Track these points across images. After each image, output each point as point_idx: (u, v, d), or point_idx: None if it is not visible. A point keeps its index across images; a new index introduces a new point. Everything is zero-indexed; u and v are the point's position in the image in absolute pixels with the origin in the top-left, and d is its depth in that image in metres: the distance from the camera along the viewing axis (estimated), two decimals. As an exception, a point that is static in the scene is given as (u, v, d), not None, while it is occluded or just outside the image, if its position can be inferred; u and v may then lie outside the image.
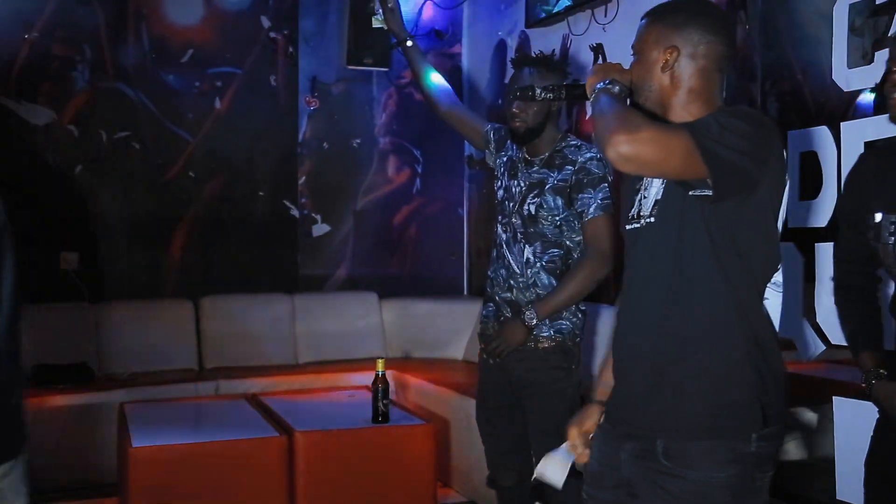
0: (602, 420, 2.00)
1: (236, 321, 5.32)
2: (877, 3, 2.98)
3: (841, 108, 3.20)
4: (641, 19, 1.96)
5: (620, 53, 4.65)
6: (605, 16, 4.58)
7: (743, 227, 1.77)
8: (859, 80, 3.03)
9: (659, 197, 1.87)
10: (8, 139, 5.17)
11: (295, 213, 5.82)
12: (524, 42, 5.41)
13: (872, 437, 2.31)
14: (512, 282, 2.96)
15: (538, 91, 2.06)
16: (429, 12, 5.97)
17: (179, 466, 3.45)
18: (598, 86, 1.87)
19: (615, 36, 4.45)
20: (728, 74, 1.94)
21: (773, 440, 1.80)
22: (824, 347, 3.14)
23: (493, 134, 3.19)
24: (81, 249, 5.31)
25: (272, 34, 5.73)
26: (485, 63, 5.91)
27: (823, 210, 3.13)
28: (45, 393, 4.46)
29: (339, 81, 5.90)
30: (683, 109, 1.87)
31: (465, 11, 6.13)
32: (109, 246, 5.40)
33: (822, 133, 3.19)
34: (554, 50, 4.81)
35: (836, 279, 2.56)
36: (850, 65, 3.04)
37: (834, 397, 3.04)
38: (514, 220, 2.97)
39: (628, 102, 1.90)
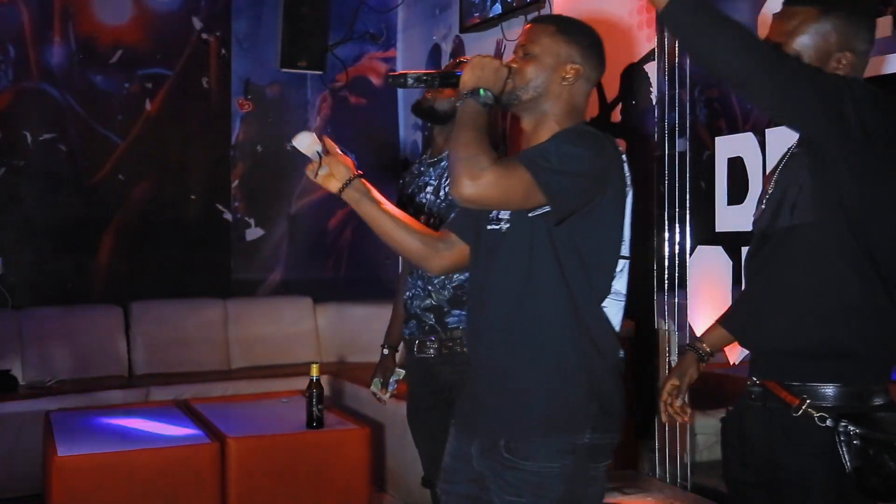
0: (454, 420, 2.12)
1: (167, 326, 5.24)
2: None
3: (766, 114, 3.28)
4: (539, 21, 2.05)
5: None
6: (539, 22, 4.63)
7: (585, 240, 1.90)
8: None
9: None
10: (-73, 140, 5.02)
11: (228, 216, 5.75)
12: (458, 46, 5.44)
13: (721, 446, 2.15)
14: (430, 287, 2.98)
15: (410, 79, 2.03)
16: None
17: (107, 476, 3.37)
18: (466, 94, 1.91)
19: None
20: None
21: (607, 433, 1.93)
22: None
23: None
24: (5, 254, 5.18)
25: (204, 35, 5.66)
26: (420, 67, 5.92)
27: (750, 214, 3.20)
28: (-33, 402, 4.34)
29: (272, 84, 5.85)
30: (556, 121, 1.99)
31: (399, 15, 6.14)
32: (34, 250, 5.27)
33: (749, 139, 3.27)
34: None
35: None
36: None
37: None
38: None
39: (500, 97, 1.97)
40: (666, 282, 3.80)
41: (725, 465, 2.10)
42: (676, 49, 3.75)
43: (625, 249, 1.95)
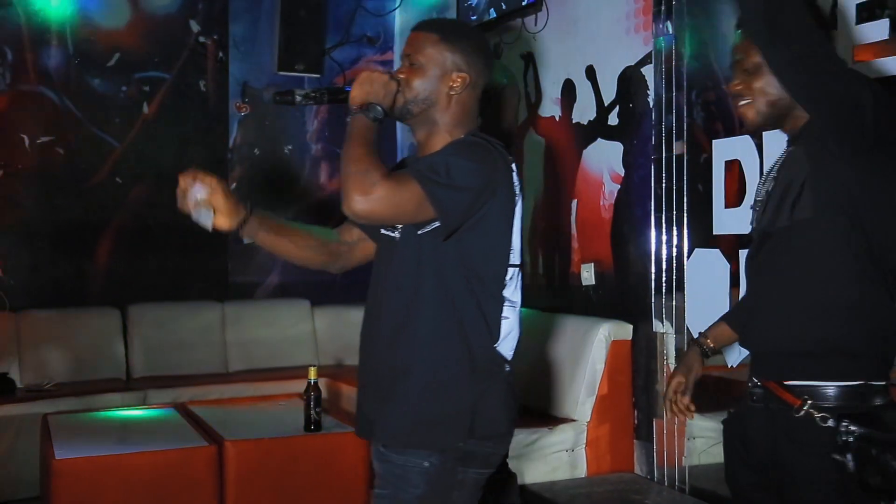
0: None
1: (165, 329, 5.23)
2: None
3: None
4: (419, 29, 2.02)
5: (550, 62, 4.72)
6: (536, 25, 4.63)
7: (472, 252, 1.91)
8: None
9: None
10: (-76, 143, 5.02)
11: (225, 219, 5.74)
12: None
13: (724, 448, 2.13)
14: None
15: (298, 97, 2.03)
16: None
17: (105, 479, 3.36)
18: (356, 110, 1.90)
19: (545, 45, 4.50)
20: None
21: (485, 441, 1.95)
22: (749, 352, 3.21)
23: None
24: (2, 257, 5.17)
25: (201, 39, 5.66)
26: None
27: (747, 217, 3.21)
28: (-36, 405, 4.33)
29: (269, 87, 5.85)
30: (447, 131, 1.99)
31: (396, 18, 6.14)
32: (32, 253, 5.26)
33: (746, 142, 3.28)
34: None
35: None
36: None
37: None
38: None
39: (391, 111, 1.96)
40: (664, 284, 3.81)
41: (728, 468, 2.10)
42: (673, 52, 3.76)
43: (514, 258, 1.97)
